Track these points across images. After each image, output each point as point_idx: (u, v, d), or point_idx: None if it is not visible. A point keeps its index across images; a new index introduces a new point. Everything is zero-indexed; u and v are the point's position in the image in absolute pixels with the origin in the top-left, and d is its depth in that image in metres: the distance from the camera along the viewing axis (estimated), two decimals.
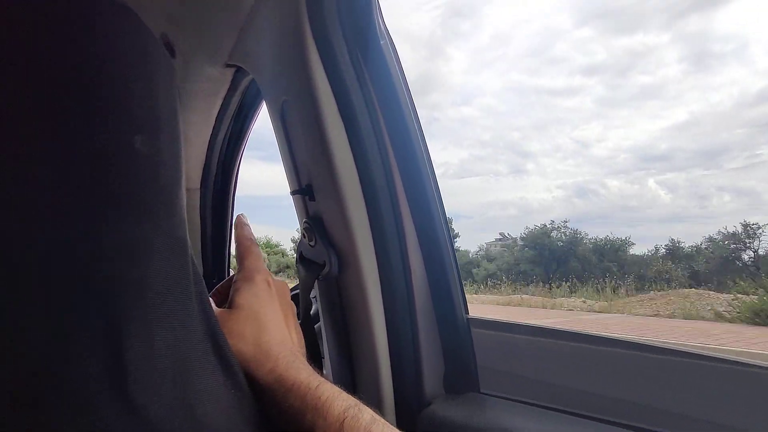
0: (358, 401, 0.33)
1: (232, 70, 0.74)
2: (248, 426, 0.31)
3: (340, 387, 0.35)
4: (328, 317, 0.64)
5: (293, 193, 0.62)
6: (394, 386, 0.59)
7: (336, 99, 0.53)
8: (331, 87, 0.53)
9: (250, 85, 0.84)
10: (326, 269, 0.58)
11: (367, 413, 0.32)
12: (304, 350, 0.45)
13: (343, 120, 0.54)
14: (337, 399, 0.32)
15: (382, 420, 0.32)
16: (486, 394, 0.63)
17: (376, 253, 0.57)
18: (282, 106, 0.60)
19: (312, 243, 0.61)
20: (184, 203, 0.30)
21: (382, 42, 0.54)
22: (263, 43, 0.59)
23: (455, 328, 0.63)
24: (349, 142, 0.55)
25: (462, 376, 0.63)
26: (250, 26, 0.59)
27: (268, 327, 0.39)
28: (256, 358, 0.36)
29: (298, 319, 0.48)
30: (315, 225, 0.60)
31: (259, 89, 0.86)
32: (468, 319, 0.63)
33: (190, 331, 0.28)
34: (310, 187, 0.60)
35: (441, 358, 0.63)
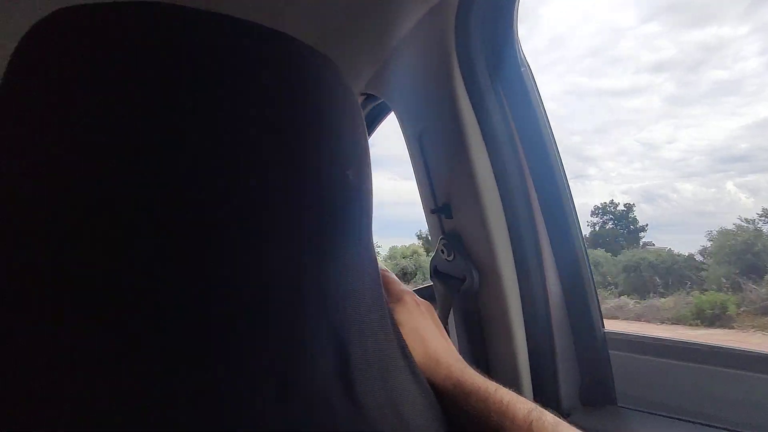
0: (535, 404, 0.35)
1: (363, 98, 0.81)
2: (441, 426, 0.33)
3: None
4: (464, 329, 0.68)
5: (432, 212, 0.67)
6: (533, 398, 0.61)
7: (480, 126, 0.58)
8: (476, 115, 0.58)
9: (370, 112, 0.91)
10: (467, 283, 0.62)
11: (548, 415, 0.33)
12: None
13: (486, 145, 0.58)
14: (517, 402, 0.34)
15: (564, 422, 0.33)
16: (624, 407, 0.63)
17: (516, 268, 0.60)
18: (421, 133, 0.65)
19: (450, 258, 0.65)
20: None
21: (522, 69, 0.58)
22: (404, 76, 0.64)
23: (592, 341, 0.64)
24: (492, 165, 0.59)
25: (599, 389, 0.64)
26: (393, 60, 0.65)
27: (430, 339, 0.42)
28: (428, 366, 0.39)
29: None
30: (453, 241, 0.65)
31: (375, 116, 0.94)
32: (605, 332, 0.64)
33: (388, 339, 0.31)
34: (448, 206, 0.65)
35: (577, 371, 0.65)
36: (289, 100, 0.25)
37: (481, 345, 0.65)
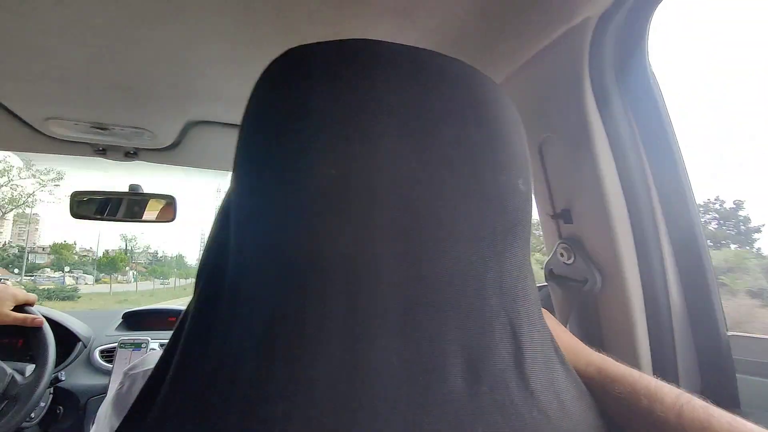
0: (682, 390, 0.35)
1: None
2: (595, 414, 0.34)
3: None
4: (583, 331, 0.71)
5: (552, 217, 0.71)
6: None
7: (608, 136, 0.61)
8: (603, 125, 0.61)
9: None
10: (588, 285, 0.65)
11: (697, 400, 0.33)
12: None
13: (612, 153, 0.61)
14: (663, 387, 0.34)
15: (713, 406, 0.33)
16: (750, 412, 0.63)
17: (639, 270, 0.63)
18: (542, 141, 0.69)
19: (569, 261, 0.68)
20: None
21: (651, 81, 0.60)
22: (532, 86, 0.68)
23: (716, 345, 0.64)
24: (617, 172, 0.61)
25: (721, 393, 0.64)
26: (523, 71, 0.69)
27: (561, 332, 0.43)
28: (567, 356, 0.43)
29: None
30: (573, 245, 0.68)
31: None
32: (729, 336, 0.64)
33: (546, 332, 0.33)
34: (568, 211, 0.68)
35: (698, 375, 0.65)
36: (473, 120, 0.29)
37: (600, 347, 0.68)
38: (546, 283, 0.76)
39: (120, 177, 1.51)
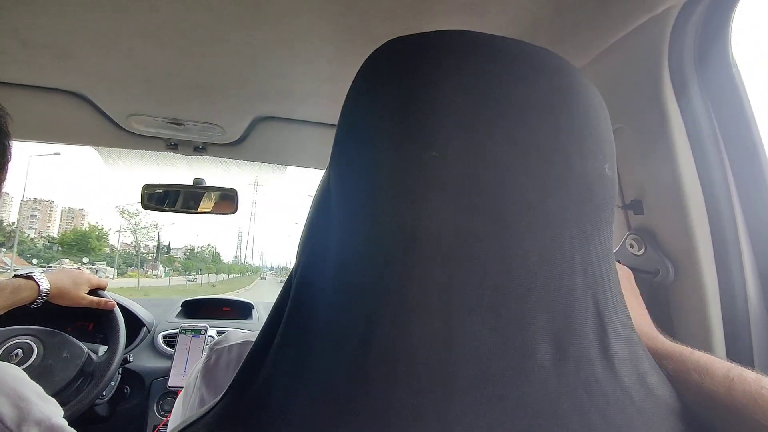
0: (733, 363, 0.34)
1: None
2: (674, 397, 0.33)
3: None
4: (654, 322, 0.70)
5: (621, 207, 0.71)
6: None
7: (686, 127, 0.60)
8: (682, 116, 0.60)
9: None
10: (660, 276, 0.65)
11: (749, 372, 0.32)
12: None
13: (690, 144, 0.61)
14: (715, 362, 0.33)
15: (766, 377, 0.32)
16: None
17: (716, 262, 0.62)
18: (615, 131, 0.69)
19: (640, 252, 0.68)
20: None
21: (733, 70, 0.59)
22: (609, 75, 0.69)
23: None
24: (695, 163, 0.61)
25: None
26: (600, 59, 0.69)
27: (632, 307, 0.41)
28: None
29: None
30: (644, 236, 0.68)
31: None
32: None
33: (627, 314, 0.33)
34: (639, 202, 0.68)
35: None
36: (562, 107, 0.30)
37: (672, 339, 0.67)
38: None
39: (160, 171, 1.59)
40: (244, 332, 0.65)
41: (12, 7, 0.74)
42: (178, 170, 1.50)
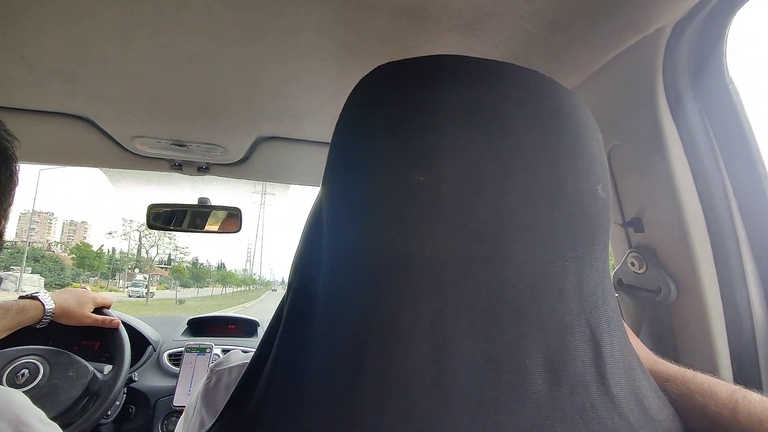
0: (738, 385, 0.33)
1: None
2: (676, 421, 0.32)
3: None
4: (655, 342, 0.69)
5: (621, 225, 0.70)
6: None
7: (682, 142, 0.60)
8: (678, 132, 0.60)
9: None
10: (662, 295, 0.64)
11: (754, 394, 0.32)
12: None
13: (687, 160, 0.60)
14: (719, 384, 0.33)
15: None
16: None
17: (718, 279, 0.61)
18: (611, 149, 0.69)
19: (641, 270, 0.67)
20: None
21: (729, 87, 0.59)
22: (603, 94, 0.69)
23: None
24: (694, 180, 0.61)
25: None
26: (593, 79, 0.69)
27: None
28: None
29: None
30: (644, 254, 0.67)
31: None
32: None
33: (625, 337, 0.33)
34: (639, 220, 0.68)
35: None
36: (553, 128, 0.30)
37: (674, 359, 0.66)
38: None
39: (164, 190, 1.60)
40: (247, 352, 0.65)
41: (18, 33, 0.76)
42: (182, 189, 1.52)
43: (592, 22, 0.60)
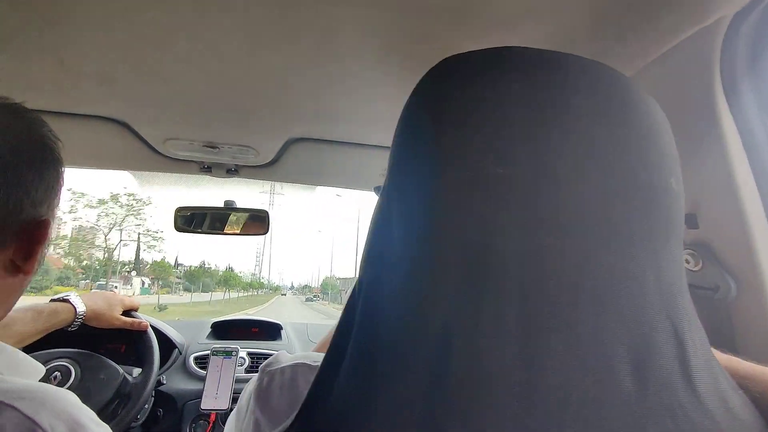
0: None
1: None
2: (759, 421, 0.31)
3: None
4: (713, 341, 0.67)
5: None
6: None
7: (741, 136, 0.59)
8: (736, 125, 0.59)
9: None
10: (721, 293, 0.62)
11: None
12: None
13: (747, 157, 0.59)
14: None
15: None
16: None
17: None
18: None
19: (696, 268, 0.66)
20: None
21: None
22: (656, 86, 0.67)
23: None
24: (753, 175, 0.59)
25: None
26: (646, 71, 0.68)
27: None
28: None
29: None
30: (700, 251, 0.65)
31: None
32: None
33: (703, 332, 0.32)
34: (693, 216, 0.66)
35: None
36: (622, 121, 0.30)
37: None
38: None
39: (183, 193, 1.61)
40: (294, 354, 0.64)
41: (59, 37, 0.76)
42: (192, 191, 1.52)
43: (646, 15, 0.59)
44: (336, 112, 0.99)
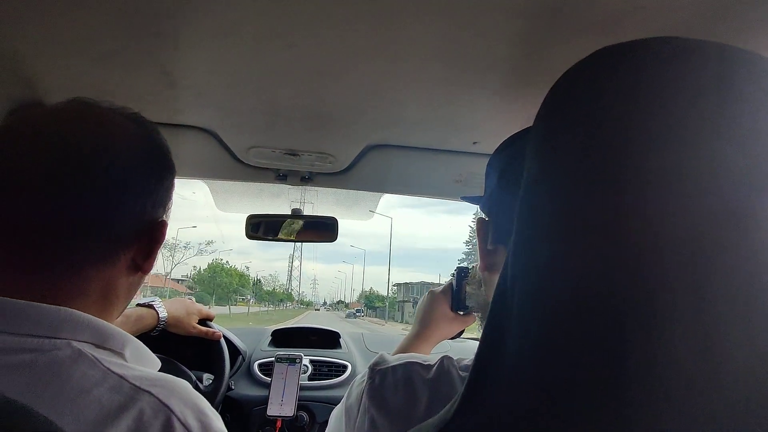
0: None
1: None
2: None
3: None
4: None
5: None
6: None
7: None
8: None
9: None
10: None
11: None
12: None
13: None
14: None
15: None
16: None
17: None
18: None
19: None
20: None
21: None
22: None
23: None
24: None
25: None
26: None
27: None
28: None
29: None
30: None
31: None
32: None
33: None
34: None
35: None
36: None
37: None
38: None
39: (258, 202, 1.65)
40: (399, 355, 0.64)
41: (166, 52, 0.80)
42: (243, 200, 1.56)
43: None
44: (415, 116, 1.00)
